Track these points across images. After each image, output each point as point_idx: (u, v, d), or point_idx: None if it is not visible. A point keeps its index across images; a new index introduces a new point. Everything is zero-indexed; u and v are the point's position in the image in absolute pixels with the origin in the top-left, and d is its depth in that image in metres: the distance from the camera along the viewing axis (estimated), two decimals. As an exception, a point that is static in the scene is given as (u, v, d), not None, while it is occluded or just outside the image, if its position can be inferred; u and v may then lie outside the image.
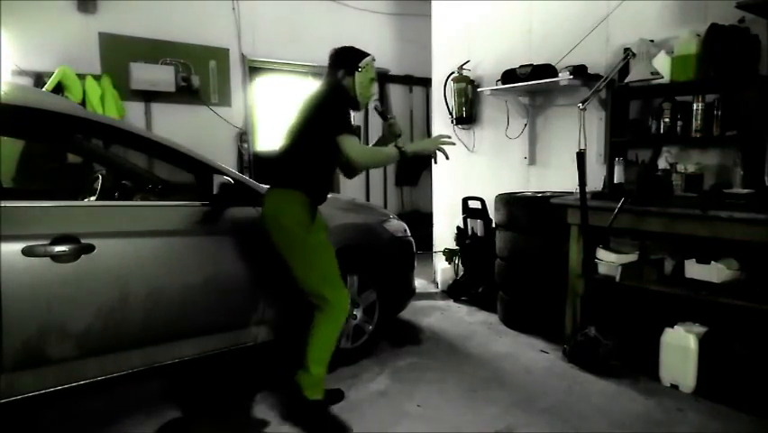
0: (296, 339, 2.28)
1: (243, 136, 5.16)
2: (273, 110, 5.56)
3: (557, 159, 3.68)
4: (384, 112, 2.43)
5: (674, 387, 2.54)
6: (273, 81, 5.51)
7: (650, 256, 2.81)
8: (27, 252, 1.79)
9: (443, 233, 4.58)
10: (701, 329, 2.53)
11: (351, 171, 2.43)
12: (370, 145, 2.58)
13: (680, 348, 2.51)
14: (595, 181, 3.09)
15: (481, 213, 3.95)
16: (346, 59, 2.30)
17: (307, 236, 2.20)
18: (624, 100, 3.14)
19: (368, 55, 2.31)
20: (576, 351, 2.80)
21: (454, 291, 4.15)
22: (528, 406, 2.41)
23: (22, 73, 3.97)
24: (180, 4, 4.67)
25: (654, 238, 2.78)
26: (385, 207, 5.89)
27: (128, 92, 4.39)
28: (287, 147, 2.26)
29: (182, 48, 4.70)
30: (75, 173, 3.78)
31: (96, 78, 4.18)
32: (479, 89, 4.06)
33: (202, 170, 2.30)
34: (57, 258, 1.84)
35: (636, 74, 2.69)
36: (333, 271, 2.26)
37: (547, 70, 3.41)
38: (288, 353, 2.59)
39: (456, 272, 4.31)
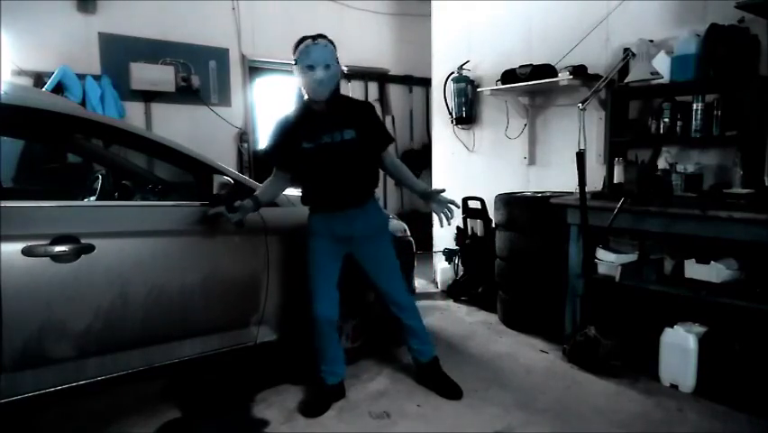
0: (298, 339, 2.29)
1: (243, 136, 5.16)
2: (273, 110, 5.56)
3: (557, 159, 3.68)
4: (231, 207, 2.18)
5: (674, 387, 2.54)
6: (273, 81, 5.51)
7: (650, 256, 2.81)
8: (27, 252, 1.79)
9: (443, 233, 4.57)
10: (701, 329, 2.53)
11: None
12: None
13: (679, 348, 2.51)
14: (595, 181, 3.10)
15: (481, 213, 3.95)
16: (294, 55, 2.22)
17: None
18: (624, 100, 3.14)
19: (304, 40, 2.18)
20: (576, 351, 2.80)
21: (454, 291, 4.15)
22: (528, 406, 2.41)
23: (22, 73, 3.97)
24: (180, 4, 4.67)
25: (654, 238, 2.78)
26: (385, 207, 5.89)
27: (128, 92, 4.39)
28: None
29: (182, 48, 4.70)
30: (75, 173, 3.78)
31: (96, 77, 4.18)
32: (478, 89, 4.06)
33: (202, 170, 2.30)
34: (57, 258, 1.84)
35: (636, 74, 2.68)
36: None
37: (547, 70, 3.41)
38: (291, 353, 2.60)
39: (456, 272, 4.31)
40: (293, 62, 2.22)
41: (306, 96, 2.30)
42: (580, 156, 2.67)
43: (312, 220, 2.40)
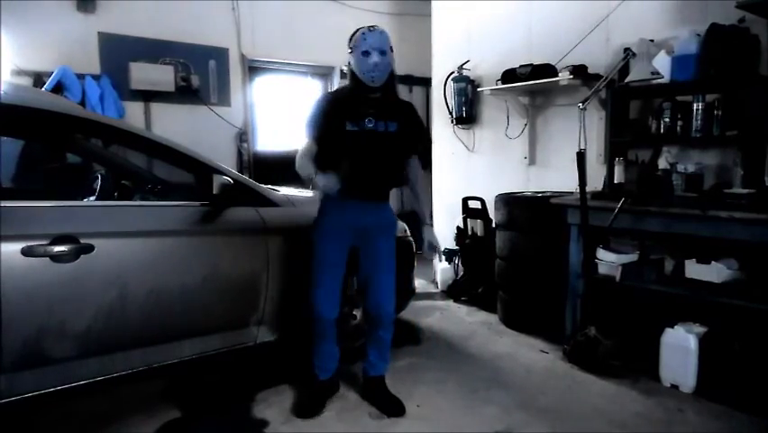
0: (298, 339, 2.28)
1: (243, 136, 5.16)
2: (273, 110, 5.56)
3: (557, 159, 3.68)
4: None
5: (674, 387, 2.54)
6: (273, 81, 5.51)
7: (650, 256, 2.81)
8: (27, 252, 1.78)
9: (443, 233, 4.57)
10: (701, 329, 2.53)
11: None
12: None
13: (680, 348, 2.51)
14: (595, 181, 3.09)
15: (481, 213, 3.95)
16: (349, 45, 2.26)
17: None
18: (624, 100, 3.14)
19: (358, 31, 2.22)
20: (576, 351, 2.80)
21: (454, 291, 4.15)
22: (528, 406, 2.41)
23: (21, 73, 3.97)
24: (180, 4, 4.67)
25: (654, 238, 2.78)
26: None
27: (127, 92, 4.39)
28: None
29: (182, 48, 4.70)
30: (74, 173, 3.78)
31: (96, 77, 4.18)
32: (479, 89, 4.06)
33: (202, 170, 2.29)
34: (56, 258, 1.84)
35: (636, 74, 2.68)
36: None
37: (547, 70, 3.41)
38: (291, 353, 2.60)
39: (456, 272, 4.31)
40: (349, 51, 2.22)
41: (355, 81, 2.26)
42: (581, 156, 2.67)
43: (327, 203, 2.32)
